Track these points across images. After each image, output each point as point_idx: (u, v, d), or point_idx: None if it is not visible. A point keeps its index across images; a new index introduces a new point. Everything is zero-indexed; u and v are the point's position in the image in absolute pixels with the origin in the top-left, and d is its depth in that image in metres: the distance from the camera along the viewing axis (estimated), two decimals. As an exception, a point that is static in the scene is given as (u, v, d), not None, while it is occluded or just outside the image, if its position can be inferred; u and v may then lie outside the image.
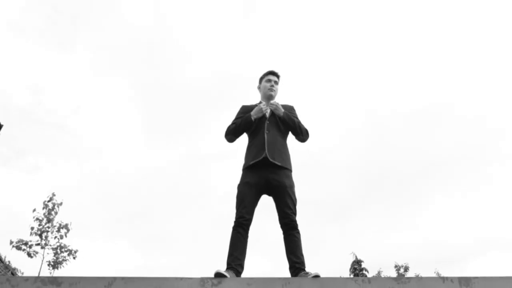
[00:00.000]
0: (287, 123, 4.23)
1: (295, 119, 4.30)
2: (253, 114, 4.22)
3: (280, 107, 4.24)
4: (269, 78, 4.46)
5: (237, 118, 4.38)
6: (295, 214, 3.96)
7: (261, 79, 4.53)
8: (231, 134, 4.33)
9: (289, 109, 4.40)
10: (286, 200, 3.96)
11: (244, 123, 4.25)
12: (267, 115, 4.27)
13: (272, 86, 4.42)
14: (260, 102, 4.43)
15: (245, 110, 4.40)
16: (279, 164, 4.05)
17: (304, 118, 4.47)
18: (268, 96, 4.41)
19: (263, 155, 4.05)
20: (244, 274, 3.75)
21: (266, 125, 4.21)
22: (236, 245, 3.83)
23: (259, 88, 4.54)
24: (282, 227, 3.96)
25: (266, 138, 4.13)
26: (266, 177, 4.02)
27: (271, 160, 4.03)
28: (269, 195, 4.09)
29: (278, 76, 4.50)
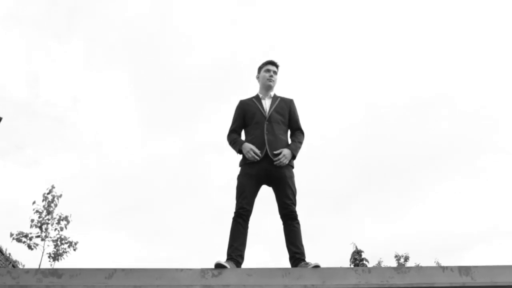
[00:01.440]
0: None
1: (298, 144, 4.20)
2: (244, 152, 4.08)
3: (286, 158, 4.02)
4: (268, 68, 4.42)
5: (234, 120, 4.34)
6: (295, 204, 3.96)
7: (259, 68, 4.48)
8: (230, 146, 4.31)
9: (289, 103, 4.36)
10: (286, 191, 3.96)
11: (236, 149, 4.20)
12: (266, 114, 4.20)
13: (271, 76, 4.38)
14: (258, 96, 4.39)
15: (243, 106, 4.35)
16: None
17: (304, 111, 4.45)
18: (267, 87, 4.38)
19: (263, 155, 4.01)
20: (244, 265, 3.76)
21: (265, 125, 4.15)
22: (236, 236, 3.83)
23: (257, 77, 4.50)
24: (282, 217, 3.96)
25: (267, 138, 4.08)
26: (266, 168, 4.01)
27: (274, 158, 4.00)
28: (269, 185, 4.08)
29: (277, 66, 4.46)
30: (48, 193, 13.34)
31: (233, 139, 4.25)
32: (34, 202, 13.20)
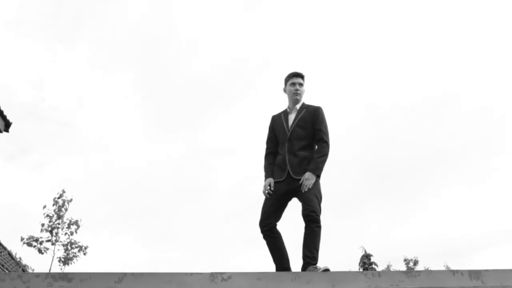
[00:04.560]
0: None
1: (319, 160, 4.11)
2: (264, 185, 4.22)
3: (308, 180, 4.00)
4: (293, 81, 4.37)
5: (267, 141, 4.44)
6: (315, 206, 3.93)
7: (285, 81, 4.45)
8: None
9: (313, 112, 4.29)
10: (308, 194, 3.96)
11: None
12: (288, 132, 4.23)
13: (297, 89, 4.33)
14: (286, 110, 4.42)
15: (273, 124, 4.44)
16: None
17: None
18: (294, 100, 4.35)
19: (285, 176, 4.10)
20: (253, 269, 3.78)
21: (287, 145, 4.20)
22: (273, 253, 4.01)
23: (284, 90, 4.46)
24: (303, 218, 3.97)
25: (288, 159, 4.14)
26: (289, 185, 4.08)
27: (295, 177, 4.06)
28: (295, 196, 4.12)
29: (302, 77, 4.41)
30: (58, 198, 13.40)
31: (265, 168, 4.34)
32: (44, 207, 13.25)
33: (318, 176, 4.05)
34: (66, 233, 13.22)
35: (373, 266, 26.62)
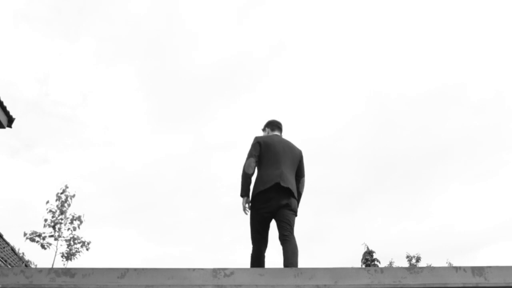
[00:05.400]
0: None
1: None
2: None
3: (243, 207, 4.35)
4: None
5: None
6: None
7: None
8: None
9: None
10: None
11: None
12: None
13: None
14: None
15: None
16: None
17: (308, 105, 4.64)
18: None
19: None
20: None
21: None
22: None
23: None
24: None
25: None
26: None
27: None
28: None
29: (263, 130, 4.92)
30: (61, 193, 13.44)
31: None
32: (47, 202, 13.30)
33: (242, 197, 4.34)
34: (68, 229, 13.27)
35: (376, 262, 26.59)
